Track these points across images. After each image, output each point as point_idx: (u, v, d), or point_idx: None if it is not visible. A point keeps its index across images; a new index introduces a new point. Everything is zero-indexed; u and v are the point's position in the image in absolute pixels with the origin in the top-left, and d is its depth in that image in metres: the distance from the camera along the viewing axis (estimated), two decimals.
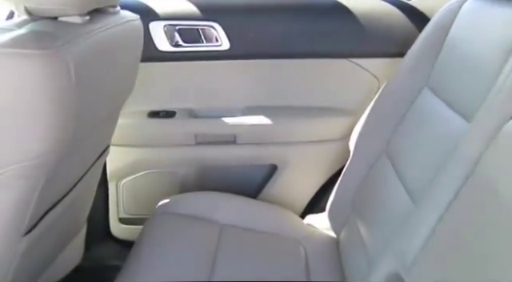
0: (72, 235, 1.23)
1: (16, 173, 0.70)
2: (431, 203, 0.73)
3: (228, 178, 1.43)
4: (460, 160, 0.70)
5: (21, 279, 0.90)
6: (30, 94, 0.67)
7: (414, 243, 0.73)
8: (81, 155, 0.95)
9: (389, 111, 1.10)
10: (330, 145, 1.38)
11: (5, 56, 0.66)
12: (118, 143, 1.33)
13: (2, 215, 0.72)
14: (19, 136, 0.69)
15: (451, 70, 0.91)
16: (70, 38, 0.73)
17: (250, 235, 1.20)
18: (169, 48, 1.31)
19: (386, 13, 1.32)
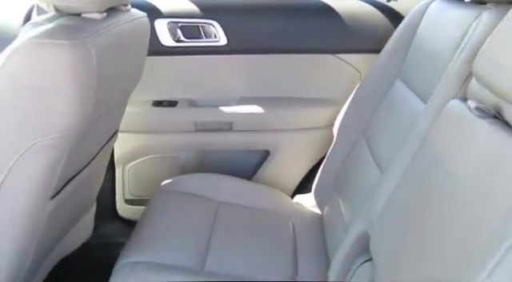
0: (84, 211, 1.37)
1: (46, 143, 0.84)
2: (392, 171, 0.88)
3: (225, 162, 1.57)
4: (415, 136, 0.84)
5: (45, 242, 1.04)
6: (60, 77, 0.81)
7: (378, 203, 0.87)
8: (95, 135, 1.09)
9: (366, 100, 1.25)
10: (317, 132, 1.52)
11: (39, 45, 0.80)
12: (124, 130, 1.46)
13: (35, 178, 0.86)
14: (50, 112, 0.83)
15: (417, 62, 1.06)
16: (92, 31, 0.87)
17: (244, 212, 1.33)
18: (172, 43, 1.45)
19: (367, 13, 1.47)
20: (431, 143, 0.74)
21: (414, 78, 1.04)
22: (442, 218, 0.65)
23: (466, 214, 0.59)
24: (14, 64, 0.80)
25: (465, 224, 0.59)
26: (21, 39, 0.81)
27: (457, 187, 0.63)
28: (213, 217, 1.26)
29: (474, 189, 0.59)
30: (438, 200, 0.67)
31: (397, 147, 0.91)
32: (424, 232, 0.69)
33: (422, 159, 0.76)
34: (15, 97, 0.81)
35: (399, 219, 0.78)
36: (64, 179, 0.98)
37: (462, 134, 0.66)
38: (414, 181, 0.77)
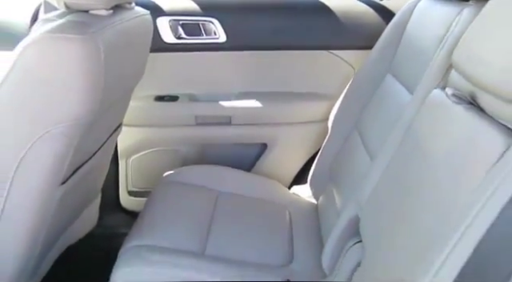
0: (89, 201, 1.43)
1: (58, 131, 0.90)
2: (380, 158, 0.94)
3: (224, 155, 1.63)
4: (401, 125, 0.90)
5: (53, 228, 1.10)
6: (71, 70, 0.87)
7: (367, 188, 0.93)
8: (101, 126, 1.15)
9: (359, 95, 1.31)
10: (313, 125, 1.58)
11: (52, 39, 0.86)
12: (127, 124, 1.52)
13: (47, 164, 0.92)
14: (61, 103, 0.89)
15: (406, 57, 1.12)
16: (99, 27, 0.93)
17: (243, 201, 1.39)
18: (173, 40, 1.51)
19: (361, 11, 1.53)
20: (414, 131, 0.80)
21: (402, 71, 1.10)
22: (419, 198, 0.71)
23: (439, 194, 0.65)
24: (28, 57, 0.86)
25: (437, 204, 0.64)
26: (34, 34, 0.87)
27: (432, 168, 0.69)
28: (213, 206, 1.32)
29: (446, 170, 0.65)
30: (417, 182, 0.73)
31: (385, 136, 0.97)
32: (404, 213, 0.74)
33: (405, 145, 0.82)
34: (29, 88, 0.87)
35: (384, 202, 0.84)
36: (73, 167, 1.04)
37: (440, 119, 0.72)
38: (398, 166, 0.83)
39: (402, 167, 0.81)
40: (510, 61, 0.58)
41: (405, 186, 0.78)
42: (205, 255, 1.10)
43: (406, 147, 0.82)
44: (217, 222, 1.24)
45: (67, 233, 1.32)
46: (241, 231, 1.23)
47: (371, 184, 0.92)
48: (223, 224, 1.24)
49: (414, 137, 0.80)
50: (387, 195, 0.84)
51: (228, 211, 1.31)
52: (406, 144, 0.83)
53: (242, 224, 1.26)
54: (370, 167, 1.00)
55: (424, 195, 0.70)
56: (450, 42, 0.86)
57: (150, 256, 1.06)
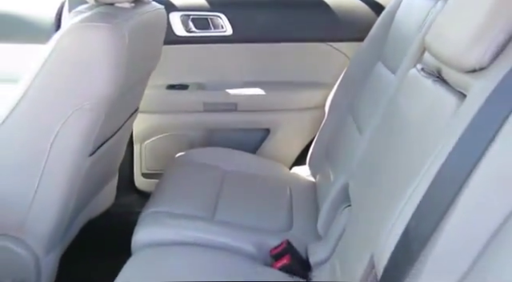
0: (108, 179, 1.57)
1: (88, 107, 1.04)
2: (367, 131, 1.08)
3: (230, 139, 1.77)
4: (385, 101, 1.04)
5: (80, 196, 1.24)
6: (100, 53, 1.02)
7: (356, 157, 1.07)
8: (122, 107, 1.29)
9: (352, 81, 1.45)
10: (312, 111, 1.72)
11: (84, 28, 1.01)
12: (142, 111, 1.66)
13: (79, 136, 1.07)
14: (92, 82, 1.03)
15: (393, 44, 1.25)
16: (123, 17, 1.08)
17: (247, 179, 1.53)
18: (184, 33, 1.66)
19: (354, 5, 1.68)
20: (394, 104, 0.94)
21: (389, 57, 1.23)
22: (396, 161, 0.84)
23: (411, 155, 0.78)
24: (64, 42, 1.00)
25: (409, 163, 0.77)
26: (69, 23, 1.02)
27: (406, 134, 0.82)
28: (220, 182, 1.46)
29: (417, 133, 0.78)
30: (395, 147, 0.87)
31: (372, 113, 1.11)
32: (384, 175, 0.88)
33: (387, 117, 0.96)
34: (65, 69, 1.02)
35: (369, 167, 0.97)
36: (98, 142, 1.19)
37: (414, 92, 0.85)
38: (381, 136, 0.97)
39: (384, 136, 0.95)
40: (468, 40, 0.71)
41: (385, 152, 0.91)
42: (213, 221, 1.24)
43: (387, 119, 0.96)
44: (224, 195, 1.38)
45: (90, 206, 1.46)
46: (246, 202, 1.37)
47: (359, 154, 1.06)
48: (230, 197, 1.38)
49: (394, 110, 0.93)
50: (371, 161, 0.98)
51: (234, 187, 1.45)
52: (387, 116, 0.96)
53: (246, 197, 1.39)
54: (358, 140, 1.14)
55: (399, 157, 0.83)
56: (426, 29, 0.99)
57: (166, 220, 1.20)
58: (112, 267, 1.05)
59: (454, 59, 0.74)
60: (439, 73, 0.82)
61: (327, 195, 1.23)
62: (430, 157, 0.68)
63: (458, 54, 0.72)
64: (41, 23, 1.62)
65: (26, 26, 1.65)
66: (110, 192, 1.65)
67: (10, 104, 1.05)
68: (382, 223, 0.75)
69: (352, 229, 0.99)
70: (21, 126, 1.05)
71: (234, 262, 1.09)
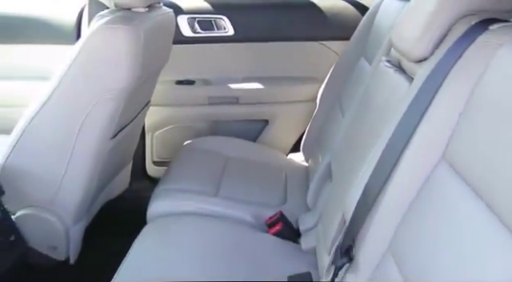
0: (124, 164, 1.76)
1: (111, 96, 1.23)
2: (348, 115, 1.26)
3: (233, 129, 1.95)
4: (362, 89, 1.22)
5: (102, 176, 1.43)
6: (120, 50, 1.21)
7: (338, 139, 1.25)
8: (137, 98, 1.48)
9: (340, 76, 1.63)
10: (306, 104, 1.90)
11: (107, 29, 1.20)
12: (154, 104, 1.85)
13: (103, 121, 1.25)
14: (113, 75, 1.22)
15: (372, 41, 1.43)
16: (139, 20, 1.27)
17: (247, 163, 1.71)
18: (190, 34, 1.85)
19: (343, 7, 1.87)
20: (367, 92, 1.12)
21: (369, 52, 1.41)
22: (363, 139, 1.02)
23: (372, 135, 0.96)
24: (91, 41, 1.20)
25: (370, 141, 0.95)
26: (95, 26, 1.21)
27: (371, 116, 1.00)
28: (224, 165, 1.64)
29: (379, 116, 0.96)
30: (364, 128, 1.05)
31: (352, 99, 1.29)
32: (357, 152, 1.06)
33: (362, 103, 1.14)
34: (92, 64, 1.21)
35: (346, 146, 1.16)
36: (118, 127, 1.38)
37: (380, 80, 1.03)
38: (357, 119, 1.15)
39: (357, 118, 1.13)
40: (416, 36, 0.89)
41: (357, 131, 1.10)
42: (217, 196, 1.42)
43: (361, 104, 1.14)
44: (227, 175, 1.56)
45: (108, 188, 1.65)
46: (246, 182, 1.55)
47: (340, 136, 1.24)
48: (232, 177, 1.56)
49: (366, 96, 1.12)
50: (347, 140, 1.16)
51: (236, 170, 1.63)
52: (361, 102, 1.15)
53: (246, 177, 1.58)
54: (341, 124, 1.32)
55: (366, 135, 1.01)
56: (395, 27, 1.17)
57: (176, 195, 1.39)
58: (128, 242, 1.22)
59: (407, 52, 0.92)
60: (399, 64, 1.00)
61: (315, 173, 1.41)
62: (385, 129, 0.86)
63: (409, 47, 0.90)
64: (63, 26, 1.82)
65: (50, 28, 1.84)
66: (125, 177, 1.84)
67: (45, 94, 1.24)
68: (350, 187, 0.93)
69: (330, 198, 1.17)
70: (54, 112, 1.24)
71: (234, 229, 1.28)
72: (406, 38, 0.92)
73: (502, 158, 0.58)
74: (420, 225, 0.71)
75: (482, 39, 0.72)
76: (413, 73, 0.91)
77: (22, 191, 1.27)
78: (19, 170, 1.25)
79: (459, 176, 0.66)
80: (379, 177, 0.82)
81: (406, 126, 0.79)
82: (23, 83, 1.73)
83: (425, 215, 0.71)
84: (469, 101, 0.69)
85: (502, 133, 0.59)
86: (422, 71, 0.84)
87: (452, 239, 0.62)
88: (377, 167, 0.84)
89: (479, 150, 0.63)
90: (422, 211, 0.72)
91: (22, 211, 1.29)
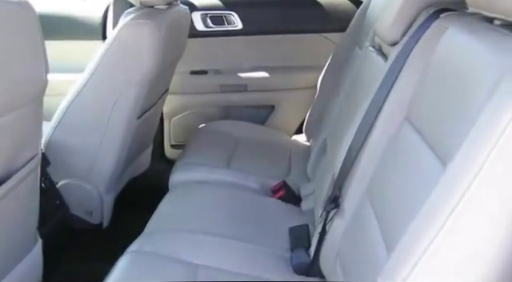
0: (145, 146, 1.98)
1: (136, 81, 1.45)
2: (341, 95, 1.45)
3: (242, 114, 2.15)
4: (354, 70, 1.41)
5: (129, 152, 1.64)
6: (145, 41, 1.42)
7: (332, 117, 1.44)
8: (158, 84, 1.69)
9: (337, 63, 1.82)
10: (309, 90, 2.10)
11: (134, 24, 1.42)
12: (171, 92, 2.06)
13: (130, 103, 1.47)
14: (139, 63, 1.44)
15: (365, 30, 1.62)
16: (161, 16, 1.48)
17: (255, 143, 1.91)
18: (203, 28, 2.06)
19: (341, 2, 2.06)
20: (356, 73, 1.32)
21: (361, 41, 1.61)
22: (351, 115, 1.22)
23: (357, 109, 1.15)
24: (121, 35, 1.41)
25: (355, 115, 1.15)
26: (124, 21, 1.42)
27: (357, 94, 1.20)
28: (235, 144, 1.85)
29: (363, 94, 1.15)
30: (354, 104, 1.24)
31: (345, 81, 1.49)
32: (343, 125, 1.25)
33: (352, 83, 1.34)
34: (121, 54, 1.42)
35: (337, 122, 1.36)
36: (143, 109, 1.59)
37: (365, 63, 1.22)
38: (346, 98, 1.35)
39: (349, 97, 1.33)
40: (390, 23, 1.08)
41: (346, 109, 1.29)
42: (229, 168, 1.63)
43: (352, 85, 1.33)
44: (237, 152, 1.77)
45: (133, 165, 1.87)
46: (254, 158, 1.75)
47: (335, 114, 1.45)
48: (242, 154, 1.77)
49: (356, 77, 1.31)
50: (340, 116, 1.36)
51: (245, 148, 1.84)
52: (352, 83, 1.34)
53: (255, 154, 1.78)
54: (336, 105, 1.52)
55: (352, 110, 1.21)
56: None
57: (194, 167, 1.61)
58: (150, 212, 1.39)
59: (384, 37, 1.12)
60: (380, 47, 1.19)
61: (314, 148, 1.61)
62: (365, 100, 1.06)
63: (385, 33, 1.10)
64: (90, 23, 2.03)
65: (78, 26, 2.06)
66: (146, 158, 2.06)
67: (82, 79, 1.46)
68: (339, 151, 1.13)
69: (324, 167, 1.37)
70: (91, 95, 1.46)
71: (244, 194, 1.48)
72: (384, 27, 1.12)
73: (445, 111, 0.77)
74: (387, 173, 0.91)
75: (435, 25, 0.92)
76: (388, 54, 1.11)
77: (63, 163, 1.49)
78: (62, 144, 1.47)
79: (415, 131, 0.85)
80: (359, 138, 1.03)
81: (380, 97, 1.00)
82: (58, 75, 1.95)
83: (390, 165, 0.91)
84: (424, 72, 0.88)
85: (447, 92, 0.78)
86: (393, 52, 1.04)
87: (408, 180, 0.81)
88: (358, 130, 1.04)
89: (429, 107, 0.83)
90: (389, 163, 0.92)
91: (63, 181, 1.51)
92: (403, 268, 0.59)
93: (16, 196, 1.04)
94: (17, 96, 0.93)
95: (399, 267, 0.59)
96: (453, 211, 0.55)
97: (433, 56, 0.86)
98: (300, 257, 1.16)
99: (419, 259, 0.57)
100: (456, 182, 0.56)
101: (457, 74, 0.73)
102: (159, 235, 1.22)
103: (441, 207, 0.57)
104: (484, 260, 0.55)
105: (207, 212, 1.33)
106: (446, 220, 0.55)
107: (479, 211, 0.55)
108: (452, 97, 0.72)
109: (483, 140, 0.55)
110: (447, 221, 0.55)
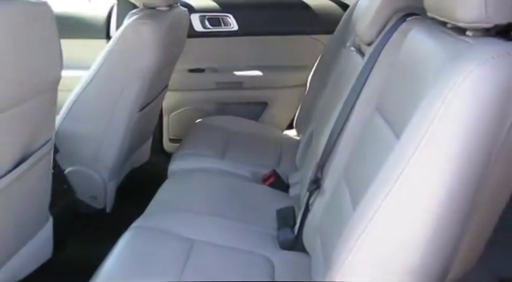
0: (145, 138, 2.11)
1: (139, 75, 1.58)
2: (327, 89, 1.59)
3: (237, 110, 2.29)
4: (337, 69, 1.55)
5: (131, 143, 1.77)
6: (147, 40, 1.55)
7: (318, 110, 1.58)
8: (158, 80, 1.82)
9: (325, 63, 1.96)
10: (300, 88, 2.24)
11: (138, 24, 1.55)
12: (170, 89, 2.19)
13: (133, 96, 1.60)
14: (142, 58, 1.57)
15: (350, 32, 1.76)
16: (162, 17, 1.61)
17: (249, 138, 2.04)
18: (201, 29, 2.20)
19: (328, 6, 2.22)
20: (339, 70, 1.45)
21: (346, 42, 1.74)
22: (333, 108, 1.35)
23: (339, 105, 1.29)
24: (126, 34, 1.54)
25: (336, 106, 1.28)
26: (128, 21, 1.56)
27: (339, 88, 1.33)
28: (229, 137, 1.97)
29: (344, 88, 1.29)
30: (336, 100, 1.38)
31: (329, 78, 1.63)
32: (326, 117, 1.39)
33: (335, 80, 1.48)
34: (126, 51, 1.56)
35: (321, 114, 1.49)
36: (144, 103, 1.72)
37: (346, 60, 1.36)
38: (332, 92, 1.48)
39: (331, 92, 1.46)
40: (367, 25, 1.22)
41: (332, 101, 1.43)
42: (223, 158, 1.76)
43: (335, 81, 1.47)
44: (232, 144, 1.90)
45: (134, 157, 2.00)
46: (247, 150, 1.88)
47: (320, 108, 1.58)
48: (236, 147, 1.89)
49: (339, 74, 1.45)
50: (325, 110, 1.49)
51: (239, 141, 1.97)
52: (335, 79, 1.48)
53: (248, 146, 1.91)
54: (321, 100, 1.66)
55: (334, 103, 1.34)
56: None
57: (191, 157, 1.74)
58: (149, 199, 1.51)
59: (362, 37, 1.25)
60: (359, 47, 1.33)
61: (303, 140, 1.75)
62: (344, 93, 1.19)
63: (363, 34, 1.24)
64: (95, 23, 2.16)
65: (83, 25, 2.18)
66: (145, 150, 2.19)
67: (89, 74, 1.59)
68: (321, 141, 1.27)
69: (310, 155, 1.50)
70: (97, 88, 1.59)
71: (237, 181, 1.62)
72: (362, 29, 1.26)
73: (404, 97, 0.90)
74: (359, 154, 1.05)
75: (402, 27, 1.06)
76: (364, 52, 1.24)
77: (71, 151, 1.62)
78: (69, 134, 1.60)
79: (382, 117, 0.99)
80: (338, 126, 1.16)
81: (356, 90, 1.13)
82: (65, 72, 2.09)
83: (361, 147, 1.04)
84: (391, 67, 1.02)
85: (408, 83, 0.91)
86: (368, 51, 1.17)
87: (373, 157, 0.94)
88: (337, 119, 1.18)
89: (393, 96, 0.96)
90: (361, 146, 1.05)
91: (70, 168, 1.64)
92: (361, 224, 0.72)
93: (31, 176, 1.16)
94: (36, 85, 1.06)
95: (357, 224, 0.73)
96: (398, 178, 0.68)
97: (398, 53, 1.00)
98: (286, 234, 1.29)
99: (372, 217, 0.70)
100: (403, 152, 0.69)
101: (414, 68, 0.87)
102: (159, 215, 1.35)
103: (390, 174, 0.70)
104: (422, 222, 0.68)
105: (203, 196, 1.46)
106: (392, 185, 0.68)
107: (420, 177, 0.68)
108: (409, 86, 0.85)
109: (424, 119, 0.68)
110: (394, 186, 0.68)
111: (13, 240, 1.19)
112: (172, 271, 1.08)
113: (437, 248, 0.66)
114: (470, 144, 0.63)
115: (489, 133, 0.62)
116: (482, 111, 0.62)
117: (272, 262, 1.19)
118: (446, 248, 0.66)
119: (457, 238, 0.65)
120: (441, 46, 0.80)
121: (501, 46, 0.66)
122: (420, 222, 0.67)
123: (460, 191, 0.63)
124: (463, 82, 0.64)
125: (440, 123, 0.66)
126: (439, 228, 0.66)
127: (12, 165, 1.05)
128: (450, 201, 0.64)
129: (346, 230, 0.76)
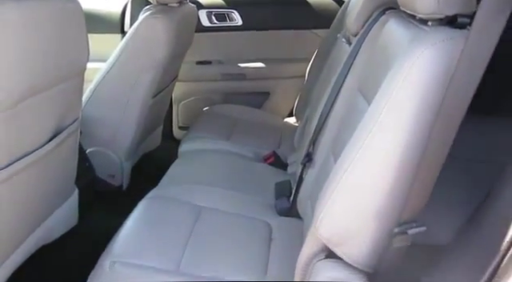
0: (156, 125, 2.29)
1: (152, 66, 1.76)
2: (321, 78, 1.76)
3: (241, 100, 2.46)
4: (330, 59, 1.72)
5: (144, 128, 1.95)
6: (160, 33, 1.72)
7: (314, 97, 1.75)
8: (169, 71, 2.00)
9: (321, 55, 2.12)
10: (299, 79, 2.41)
11: (152, 19, 1.73)
12: (179, 80, 2.37)
13: (147, 84, 1.78)
14: (154, 50, 1.74)
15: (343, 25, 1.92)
16: (173, 13, 1.79)
17: (252, 125, 2.21)
18: (208, 24, 2.37)
19: (327, 3, 2.37)
20: (331, 59, 1.62)
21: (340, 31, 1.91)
22: (324, 91, 1.52)
23: (328, 89, 1.45)
24: (141, 28, 1.72)
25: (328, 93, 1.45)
26: (143, 16, 1.73)
27: (331, 75, 1.50)
28: (234, 124, 2.15)
29: (332, 76, 1.45)
30: (327, 84, 1.55)
31: (324, 65, 1.80)
32: (319, 101, 1.56)
33: (328, 68, 1.64)
34: (140, 43, 1.73)
35: (317, 98, 1.66)
36: (157, 90, 1.90)
37: (337, 50, 1.53)
38: (325, 79, 1.65)
39: (325, 79, 1.63)
40: (353, 18, 1.38)
41: (324, 88, 1.60)
42: (229, 140, 1.94)
43: (327, 69, 1.64)
44: (236, 129, 2.08)
45: (146, 141, 2.18)
46: (250, 134, 2.06)
47: (315, 95, 1.75)
48: (240, 131, 2.07)
49: (331, 62, 1.62)
50: (318, 95, 1.66)
51: (243, 126, 2.14)
52: (328, 67, 1.65)
53: (251, 131, 2.09)
54: (317, 87, 1.83)
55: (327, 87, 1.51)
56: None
57: (199, 139, 1.92)
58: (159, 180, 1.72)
59: (349, 29, 1.42)
60: (348, 38, 1.50)
61: (300, 124, 1.92)
62: (333, 79, 1.36)
63: (350, 26, 1.40)
64: (110, 19, 2.34)
65: (99, 20, 2.36)
66: (157, 136, 2.37)
67: (108, 64, 1.77)
68: (313, 121, 1.44)
69: (305, 136, 1.67)
70: (115, 76, 1.77)
71: (240, 160, 1.79)
72: (349, 21, 1.43)
73: (377, 75, 1.06)
74: (343, 129, 1.21)
75: (381, 19, 1.22)
76: (352, 43, 1.41)
77: (91, 133, 1.80)
78: (90, 118, 1.78)
79: (361, 94, 1.15)
80: (328, 106, 1.33)
81: (342, 74, 1.30)
82: None
83: (345, 123, 1.21)
84: (370, 53, 1.19)
85: (382, 64, 1.08)
86: (354, 41, 1.34)
87: (352, 127, 1.11)
88: (327, 100, 1.35)
89: (369, 76, 1.13)
90: (345, 122, 1.22)
91: (91, 149, 1.83)
92: (338, 175, 0.89)
93: (62, 150, 1.34)
94: (67, 70, 1.24)
95: (335, 175, 0.90)
96: (367, 136, 0.85)
97: (377, 41, 1.17)
98: (282, 203, 1.46)
99: (347, 168, 0.87)
100: (371, 115, 0.86)
101: (386, 51, 1.04)
102: (171, 187, 1.52)
103: (361, 133, 0.87)
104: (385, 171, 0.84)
105: (210, 172, 1.64)
106: (363, 142, 0.85)
107: (383, 135, 0.84)
108: (382, 66, 1.02)
109: (388, 88, 0.85)
110: (364, 142, 0.85)
111: (45, 206, 1.37)
112: (181, 232, 1.26)
113: (395, 194, 0.83)
114: (420, 105, 0.80)
115: (434, 97, 0.79)
116: (430, 80, 0.79)
117: (270, 225, 1.37)
118: (401, 194, 0.83)
119: (409, 185, 0.82)
120: (406, 32, 0.97)
121: (447, 33, 0.83)
122: (384, 171, 0.84)
123: (412, 144, 0.80)
124: (417, 59, 0.81)
125: (400, 90, 0.83)
126: (397, 176, 0.82)
127: (47, 138, 1.23)
128: (405, 153, 0.81)
129: (326, 183, 0.93)
